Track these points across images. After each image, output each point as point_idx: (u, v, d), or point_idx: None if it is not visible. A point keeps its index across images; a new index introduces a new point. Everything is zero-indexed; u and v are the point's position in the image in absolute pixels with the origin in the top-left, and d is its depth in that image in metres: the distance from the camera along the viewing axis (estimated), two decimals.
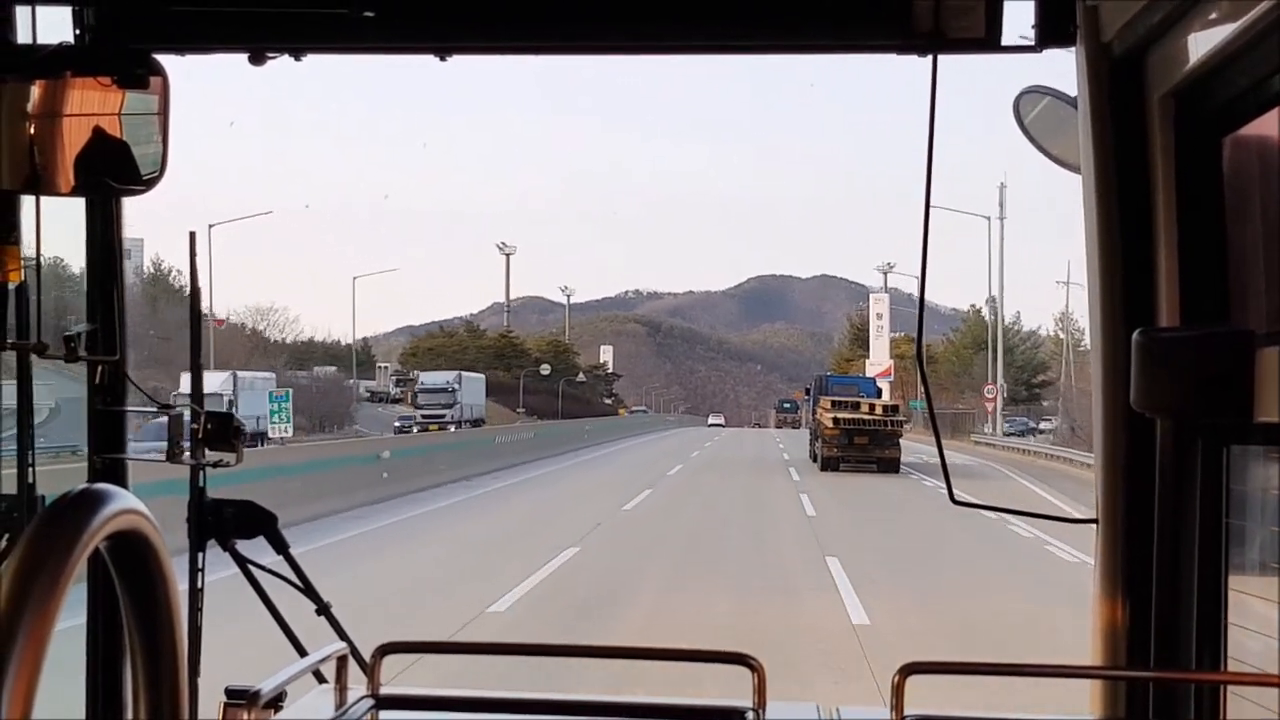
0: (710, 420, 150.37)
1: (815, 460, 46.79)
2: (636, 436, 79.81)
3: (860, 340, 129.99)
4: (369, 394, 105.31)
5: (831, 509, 29.63)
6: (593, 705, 1.91)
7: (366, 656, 1.95)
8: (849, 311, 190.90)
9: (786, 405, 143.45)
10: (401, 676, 2.13)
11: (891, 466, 42.40)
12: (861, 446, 42.84)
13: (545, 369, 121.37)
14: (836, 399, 45.98)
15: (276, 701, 1.82)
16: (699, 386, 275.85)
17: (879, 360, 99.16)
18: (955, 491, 2.95)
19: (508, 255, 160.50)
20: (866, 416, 43.60)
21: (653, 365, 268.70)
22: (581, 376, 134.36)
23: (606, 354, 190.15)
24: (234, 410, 3.68)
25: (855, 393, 49.00)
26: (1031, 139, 2.94)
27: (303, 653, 2.80)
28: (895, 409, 45.14)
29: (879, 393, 54.25)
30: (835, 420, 43.19)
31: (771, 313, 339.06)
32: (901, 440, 44.44)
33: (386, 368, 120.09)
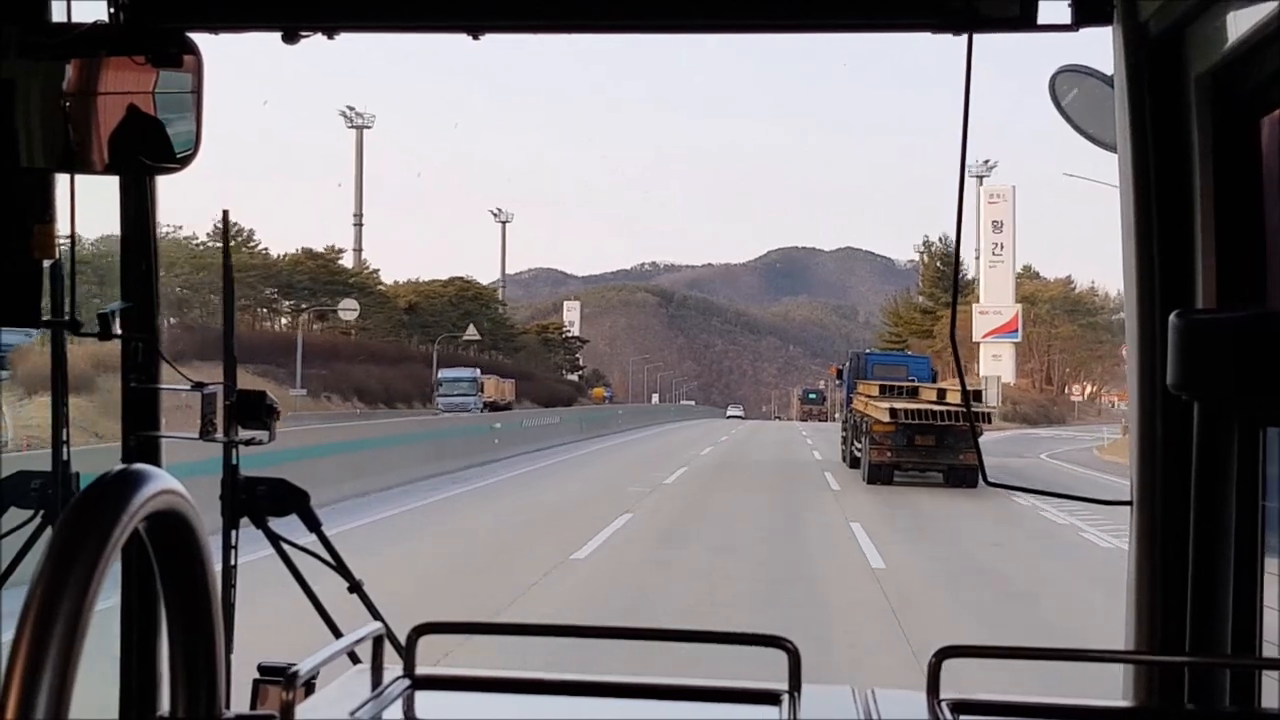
0: (729, 411, 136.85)
1: (852, 465, 35.27)
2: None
3: (945, 280, 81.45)
4: None
5: None
6: (630, 686, 1.92)
7: (401, 637, 1.95)
8: (928, 237, 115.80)
9: (812, 396, 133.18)
10: (445, 657, 2.13)
11: (966, 478, 29.71)
12: (926, 449, 30.63)
13: (350, 311, 73.57)
14: (886, 384, 34.20)
15: (310, 682, 1.83)
16: (715, 362, 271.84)
17: (996, 304, 59.44)
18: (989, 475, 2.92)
19: (360, 128, 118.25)
20: (935, 408, 30.86)
21: (663, 338, 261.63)
22: (472, 332, 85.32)
23: (571, 312, 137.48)
24: None
25: (905, 375, 36.80)
26: (1068, 118, 2.92)
27: (337, 633, 2.82)
28: (976, 396, 32.52)
29: (934, 375, 39.39)
30: (892, 413, 30.53)
31: (794, 286, 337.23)
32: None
33: None
